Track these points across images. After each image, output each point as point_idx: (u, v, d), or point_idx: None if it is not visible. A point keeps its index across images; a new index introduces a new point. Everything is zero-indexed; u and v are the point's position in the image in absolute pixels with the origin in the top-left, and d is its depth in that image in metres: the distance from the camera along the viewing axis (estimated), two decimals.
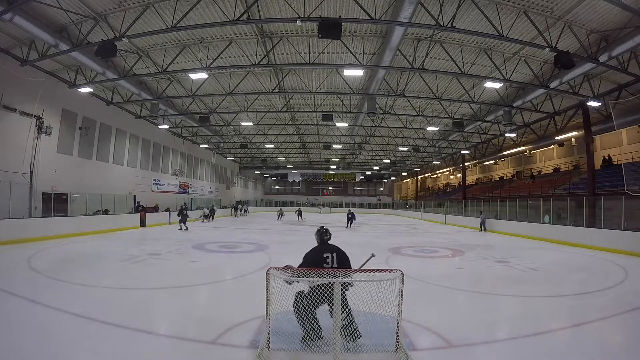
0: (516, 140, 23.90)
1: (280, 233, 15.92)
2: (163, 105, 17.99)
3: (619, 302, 5.47)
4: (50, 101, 14.18)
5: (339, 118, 20.33)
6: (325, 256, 3.56)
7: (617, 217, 11.75)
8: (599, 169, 17.87)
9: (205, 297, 5.76)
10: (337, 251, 3.66)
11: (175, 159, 26.99)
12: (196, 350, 3.58)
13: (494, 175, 33.88)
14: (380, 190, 59.47)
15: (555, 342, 3.92)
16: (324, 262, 3.52)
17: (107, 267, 7.55)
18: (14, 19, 8.99)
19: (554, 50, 9.88)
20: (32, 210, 12.62)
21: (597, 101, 14.06)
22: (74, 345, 3.59)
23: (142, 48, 12.88)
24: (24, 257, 8.04)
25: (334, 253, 3.62)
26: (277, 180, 58.74)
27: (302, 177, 48.33)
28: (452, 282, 6.78)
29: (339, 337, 3.05)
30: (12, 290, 5.32)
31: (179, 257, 9.03)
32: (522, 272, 7.87)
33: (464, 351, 3.63)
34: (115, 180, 19.13)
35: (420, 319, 4.40)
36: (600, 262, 9.38)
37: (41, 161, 13.71)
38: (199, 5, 9.54)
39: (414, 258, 9.95)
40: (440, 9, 9.20)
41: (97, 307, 4.65)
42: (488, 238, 15.94)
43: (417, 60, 12.20)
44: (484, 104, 16.56)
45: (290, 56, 13.24)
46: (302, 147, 32.63)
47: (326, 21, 8.85)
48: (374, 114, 16.75)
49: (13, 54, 11.92)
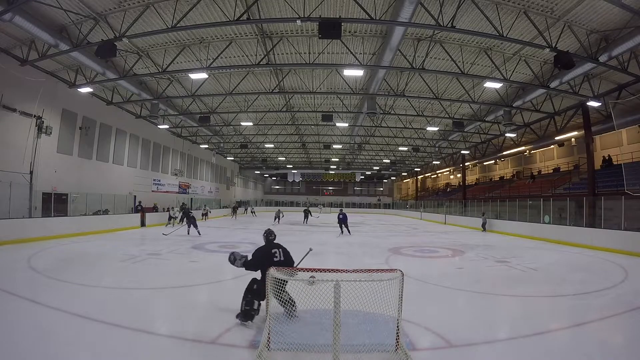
0: (516, 140, 23.90)
1: (280, 233, 15.90)
2: (163, 105, 17.99)
3: (619, 302, 5.47)
4: (50, 101, 14.17)
5: (339, 118, 20.32)
6: (273, 251, 4.35)
7: (617, 217, 11.76)
8: (599, 169, 17.87)
9: (205, 297, 5.75)
10: (282, 247, 4.48)
11: (175, 159, 26.99)
12: (196, 350, 3.59)
13: (494, 175, 33.88)
14: (380, 190, 59.46)
15: (555, 342, 3.92)
16: (273, 256, 4.30)
17: (107, 267, 7.56)
18: (14, 19, 8.98)
19: (554, 50, 9.87)
20: (32, 210, 12.61)
21: (597, 101, 14.05)
22: (74, 345, 3.59)
23: (142, 48, 12.87)
24: (24, 257, 8.04)
25: (280, 249, 4.43)
26: (277, 180, 58.73)
27: (302, 177, 48.33)
28: (452, 282, 6.79)
29: (339, 337, 3.05)
30: (12, 290, 5.32)
31: (179, 257, 9.04)
32: (522, 272, 7.88)
33: (464, 351, 3.64)
34: (115, 180, 19.13)
35: (420, 319, 4.40)
36: (600, 262, 9.39)
37: (41, 161, 13.70)
38: (199, 5, 9.53)
39: (414, 258, 9.95)
40: (440, 9, 9.19)
41: (97, 307, 4.65)
42: (488, 238, 15.95)
43: (417, 60, 12.20)
44: (484, 104, 16.56)
45: (290, 56, 13.23)
46: (302, 147, 32.62)
47: (326, 21, 8.85)
48: (374, 114, 16.73)
49: (13, 54, 11.92)
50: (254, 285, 4.17)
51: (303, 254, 4.96)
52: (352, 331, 3.62)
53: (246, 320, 4.13)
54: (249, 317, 4.13)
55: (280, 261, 4.25)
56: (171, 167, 26.28)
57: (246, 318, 4.13)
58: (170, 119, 21.45)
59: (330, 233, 17.09)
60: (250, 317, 4.14)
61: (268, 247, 4.46)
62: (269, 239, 4.59)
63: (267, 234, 4.65)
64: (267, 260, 4.16)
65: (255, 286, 4.16)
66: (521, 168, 29.38)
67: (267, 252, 4.35)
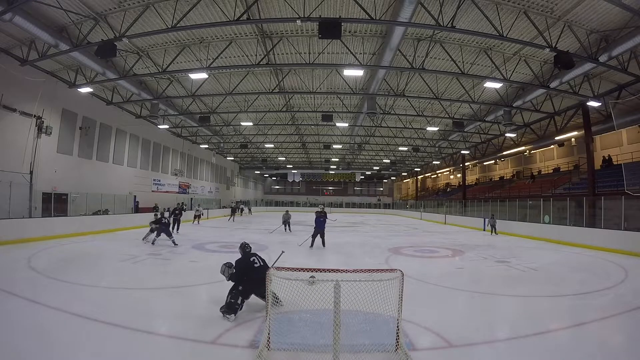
0: (516, 140, 23.90)
1: (280, 233, 15.90)
2: (163, 105, 17.99)
3: (619, 302, 5.48)
4: (50, 101, 14.18)
5: (339, 118, 20.32)
6: (252, 260, 4.79)
7: (617, 217, 11.75)
8: (599, 169, 17.87)
9: (205, 297, 5.75)
10: (258, 255, 4.97)
11: (175, 159, 26.99)
12: (196, 350, 3.59)
13: (494, 175, 33.87)
14: (380, 190, 59.46)
15: (555, 342, 3.92)
16: (253, 263, 4.73)
17: (107, 267, 7.55)
18: (14, 19, 8.98)
19: (554, 50, 9.87)
20: (32, 210, 12.61)
21: (597, 101, 14.05)
22: (74, 345, 3.59)
23: (142, 48, 12.87)
24: (24, 257, 8.03)
25: (257, 256, 4.91)
26: (277, 180, 58.75)
27: (302, 177, 48.35)
28: (452, 282, 6.78)
29: (339, 337, 3.05)
30: (12, 290, 5.31)
31: (179, 257, 9.03)
32: (522, 272, 7.88)
33: (464, 351, 3.63)
34: (115, 180, 19.13)
35: (420, 319, 4.40)
36: (600, 262, 9.38)
37: (41, 161, 13.70)
38: (199, 5, 9.54)
39: (414, 258, 9.95)
40: (440, 9, 9.20)
41: (97, 307, 4.65)
42: (488, 238, 15.95)
43: (417, 60, 12.20)
44: (484, 104, 16.56)
45: (290, 56, 13.23)
46: (302, 147, 32.63)
47: (326, 21, 8.85)
48: (374, 114, 16.74)
49: (13, 54, 11.92)
50: (239, 287, 4.50)
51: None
52: (352, 331, 3.62)
53: (229, 313, 4.29)
54: (232, 310, 4.30)
55: (261, 266, 4.70)
56: (171, 167, 26.29)
57: (229, 310, 4.31)
58: (170, 119, 21.45)
59: (331, 233, 17.07)
60: (233, 310, 4.31)
61: (247, 257, 4.89)
62: (245, 251, 5.03)
63: (243, 247, 5.11)
64: (249, 270, 4.62)
65: (241, 287, 4.49)
66: (521, 168, 29.37)
67: (246, 262, 4.77)
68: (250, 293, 4.57)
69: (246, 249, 5.09)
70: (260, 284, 4.14)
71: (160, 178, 24.63)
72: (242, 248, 5.15)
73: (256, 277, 4.44)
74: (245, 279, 4.55)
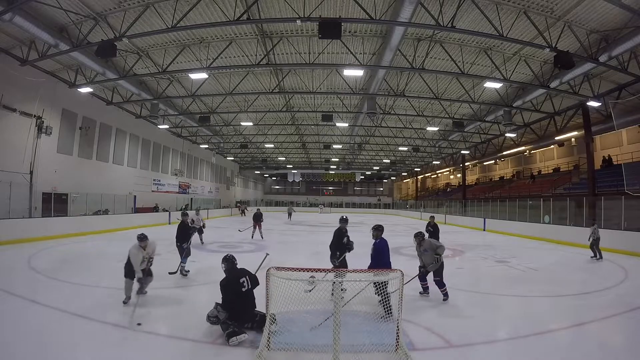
0: (516, 140, 23.89)
1: (280, 233, 15.91)
2: (163, 105, 17.98)
3: (619, 302, 5.48)
4: (50, 101, 14.17)
5: (339, 118, 20.31)
6: (241, 281, 4.08)
7: (617, 217, 11.75)
8: (599, 169, 17.87)
9: (205, 297, 5.74)
10: (248, 274, 4.21)
11: (175, 159, 26.98)
12: (196, 350, 3.59)
13: (494, 175, 33.88)
14: (380, 190, 59.44)
15: (555, 342, 3.92)
16: (241, 286, 4.06)
17: (107, 267, 7.54)
18: (14, 19, 8.97)
19: (554, 50, 9.87)
20: (32, 210, 12.62)
21: (597, 101, 14.05)
22: (74, 345, 3.59)
23: (142, 48, 12.87)
24: (24, 257, 8.04)
25: (246, 276, 4.15)
26: (277, 180, 58.73)
27: (302, 177, 48.30)
28: (452, 282, 6.74)
29: (339, 337, 3.06)
30: (12, 290, 5.32)
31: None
32: (522, 272, 7.88)
33: (464, 351, 3.64)
34: (115, 180, 19.12)
35: (420, 319, 4.40)
36: (600, 262, 9.38)
37: (41, 161, 13.70)
38: (199, 5, 9.53)
39: (414, 258, 9.92)
40: (440, 9, 9.19)
41: (97, 307, 4.66)
42: (488, 238, 15.94)
43: (417, 60, 12.20)
44: (484, 104, 16.56)
45: (290, 56, 13.23)
46: (302, 147, 32.62)
47: (326, 21, 8.85)
48: (374, 114, 16.74)
49: (13, 54, 11.91)
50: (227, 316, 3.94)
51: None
52: (352, 331, 3.62)
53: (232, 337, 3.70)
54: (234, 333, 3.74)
55: (249, 289, 4.05)
56: (171, 167, 26.28)
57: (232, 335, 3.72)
58: (170, 119, 21.44)
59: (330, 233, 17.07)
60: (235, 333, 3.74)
61: (234, 277, 4.11)
62: (233, 266, 4.21)
63: (226, 263, 4.21)
64: (236, 296, 3.96)
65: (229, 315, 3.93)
66: (521, 168, 29.37)
67: (235, 284, 4.05)
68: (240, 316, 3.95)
69: (230, 264, 4.20)
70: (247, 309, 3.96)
71: (160, 178, 24.63)
72: (225, 264, 4.20)
73: (241, 307, 3.93)
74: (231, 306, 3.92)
